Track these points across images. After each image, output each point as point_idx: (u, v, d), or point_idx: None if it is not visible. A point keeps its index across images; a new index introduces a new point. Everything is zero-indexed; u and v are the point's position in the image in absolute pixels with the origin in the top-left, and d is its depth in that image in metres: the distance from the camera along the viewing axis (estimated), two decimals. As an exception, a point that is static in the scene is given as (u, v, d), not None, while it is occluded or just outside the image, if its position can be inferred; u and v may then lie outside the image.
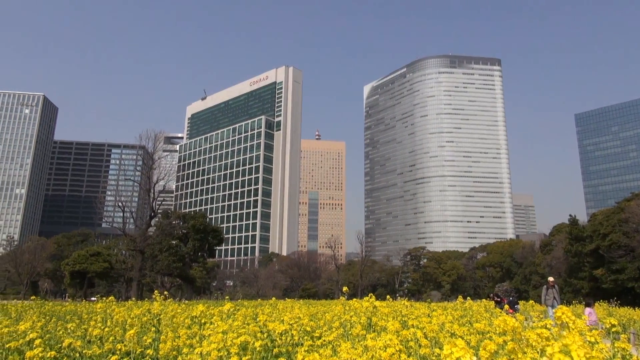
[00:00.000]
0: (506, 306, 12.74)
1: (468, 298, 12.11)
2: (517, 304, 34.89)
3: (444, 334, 5.47)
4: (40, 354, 4.53)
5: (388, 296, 13.16)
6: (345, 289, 8.49)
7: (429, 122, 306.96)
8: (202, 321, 6.57)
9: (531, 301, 36.35)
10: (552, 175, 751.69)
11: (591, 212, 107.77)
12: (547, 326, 3.61)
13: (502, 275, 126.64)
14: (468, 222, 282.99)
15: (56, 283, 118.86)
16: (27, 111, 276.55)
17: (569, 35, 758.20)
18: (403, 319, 7.76)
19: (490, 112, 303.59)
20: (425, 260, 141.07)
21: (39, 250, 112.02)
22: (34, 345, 4.86)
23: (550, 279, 25.44)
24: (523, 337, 2.76)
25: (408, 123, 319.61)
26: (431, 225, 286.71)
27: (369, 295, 6.55)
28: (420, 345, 4.58)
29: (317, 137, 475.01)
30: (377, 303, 6.34)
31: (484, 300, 14.96)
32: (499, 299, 31.25)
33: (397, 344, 3.92)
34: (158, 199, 64.28)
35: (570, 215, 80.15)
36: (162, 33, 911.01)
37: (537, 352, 2.52)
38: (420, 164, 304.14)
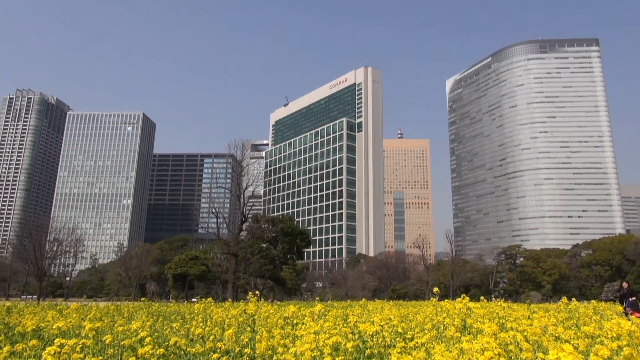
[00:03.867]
0: (619, 307, 11.64)
1: (573, 299, 11.25)
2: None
3: (548, 338, 5.10)
4: (150, 351, 4.92)
5: (482, 297, 12.59)
6: (436, 289, 8.25)
7: (518, 112, 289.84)
8: (294, 322, 6.75)
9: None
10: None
11: None
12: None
13: (612, 274, 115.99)
14: (569, 217, 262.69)
15: (161, 285, 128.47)
16: (129, 129, 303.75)
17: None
18: (500, 321, 7.38)
19: (588, 97, 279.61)
20: (521, 259, 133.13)
21: (145, 255, 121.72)
22: (145, 343, 5.28)
23: None
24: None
25: (496, 115, 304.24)
26: (527, 222, 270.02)
27: (462, 296, 6.32)
28: (521, 349, 4.31)
29: (399, 135, 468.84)
30: (471, 304, 6.09)
31: (593, 301, 13.67)
32: (621, 295, 22.81)
33: (496, 347, 3.74)
34: (248, 204, 67.14)
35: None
36: (244, 48, 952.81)
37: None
38: (511, 158, 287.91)
